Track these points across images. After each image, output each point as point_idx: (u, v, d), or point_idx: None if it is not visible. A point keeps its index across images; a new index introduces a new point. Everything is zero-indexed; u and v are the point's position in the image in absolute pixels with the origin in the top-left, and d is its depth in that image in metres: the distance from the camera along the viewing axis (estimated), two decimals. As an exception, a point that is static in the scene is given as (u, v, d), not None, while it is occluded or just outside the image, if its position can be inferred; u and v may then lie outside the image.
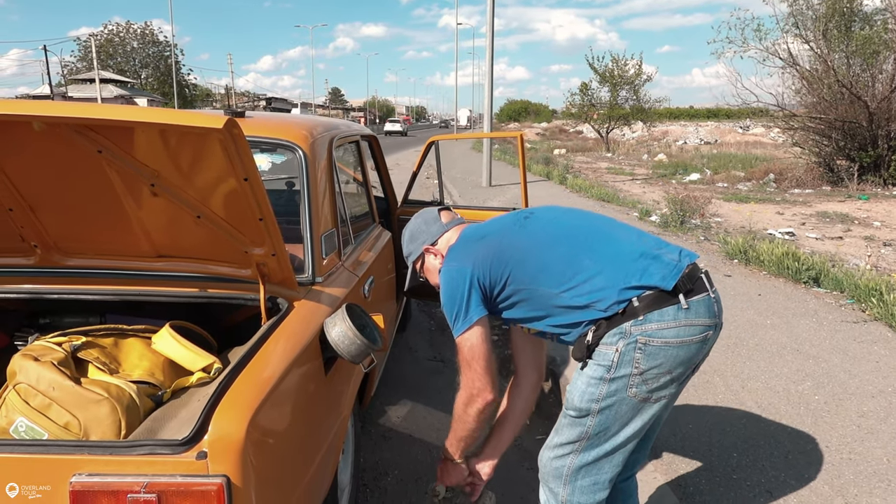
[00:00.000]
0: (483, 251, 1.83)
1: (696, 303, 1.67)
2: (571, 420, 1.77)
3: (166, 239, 2.00)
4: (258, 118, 2.66)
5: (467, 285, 1.80)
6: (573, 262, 1.74)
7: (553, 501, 1.86)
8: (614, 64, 28.29)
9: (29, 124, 1.63)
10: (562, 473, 1.81)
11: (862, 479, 2.64)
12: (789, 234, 8.40)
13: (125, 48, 60.17)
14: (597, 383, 1.70)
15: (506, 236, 1.87)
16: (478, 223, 2.03)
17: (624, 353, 1.66)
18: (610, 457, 1.76)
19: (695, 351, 1.69)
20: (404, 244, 2.13)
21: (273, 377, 1.66)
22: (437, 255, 2.03)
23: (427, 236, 2.06)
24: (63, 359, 1.65)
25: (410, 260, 2.12)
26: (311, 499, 1.92)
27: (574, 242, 1.79)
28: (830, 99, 13.57)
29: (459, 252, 1.90)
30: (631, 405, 1.69)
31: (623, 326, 1.66)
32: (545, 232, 1.86)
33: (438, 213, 2.10)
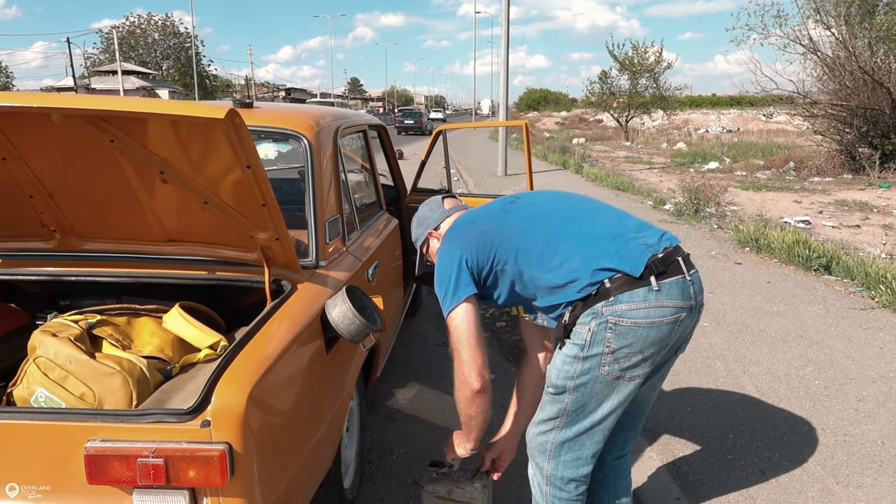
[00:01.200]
0: (471, 234, 1.93)
1: (667, 285, 1.72)
2: (551, 397, 1.86)
3: (176, 224, 2.11)
4: (265, 108, 2.76)
5: (456, 265, 1.88)
6: (551, 244, 1.82)
7: (539, 475, 1.95)
8: (634, 52, 28.07)
9: (48, 116, 1.74)
10: (546, 449, 1.90)
11: (855, 461, 2.69)
12: (805, 222, 8.35)
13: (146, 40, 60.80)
14: (571, 361, 1.78)
15: (491, 220, 1.97)
16: (472, 209, 2.13)
17: (596, 333, 1.73)
18: (590, 433, 1.84)
19: (665, 332, 1.74)
20: (412, 230, 2.24)
21: (274, 353, 1.77)
22: (438, 239, 2.12)
23: (430, 222, 2.17)
24: (79, 335, 1.77)
25: (417, 244, 2.23)
26: (313, 471, 2.03)
27: (553, 225, 1.88)
28: (852, 86, 13.36)
29: (452, 236, 1.99)
30: (605, 383, 1.76)
31: (595, 307, 1.73)
32: (527, 215, 1.95)
33: (442, 200, 2.21)
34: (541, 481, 1.94)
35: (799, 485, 2.53)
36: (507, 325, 4.82)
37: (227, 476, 1.53)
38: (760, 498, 2.45)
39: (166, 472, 1.51)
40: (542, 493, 1.95)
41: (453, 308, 1.88)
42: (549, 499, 1.93)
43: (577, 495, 1.92)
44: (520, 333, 2.25)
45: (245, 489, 1.58)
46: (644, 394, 1.90)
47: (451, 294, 1.88)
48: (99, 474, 1.51)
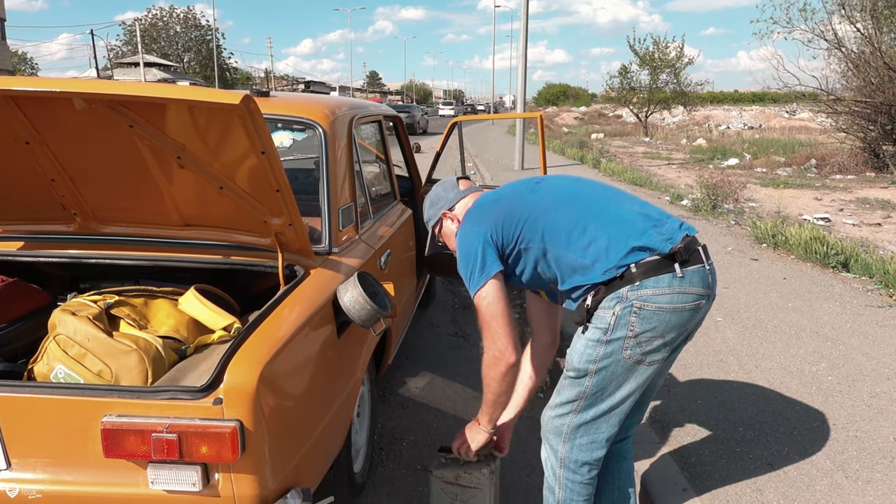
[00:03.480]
0: (496, 212, 1.92)
1: (690, 272, 1.77)
2: (571, 381, 1.87)
3: (193, 209, 2.16)
4: (282, 97, 2.80)
5: (481, 243, 1.88)
6: (578, 224, 1.82)
7: (553, 458, 1.97)
8: (655, 47, 27.84)
9: (69, 101, 1.78)
10: (562, 431, 1.91)
11: (865, 456, 2.68)
12: (825, 219, 8.26)
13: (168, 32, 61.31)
14: (594, 345, 1.80)
15: (517, 198, 1.96)
16: (491, 191, 2.13)
17: (620, 317, 1.75)
18: (607, 416, 1.86)
19: (687, 318, 1.78)
20: (425, 210, 2.22)
21: (285, 335, 1.80)
22: (453, 220, 2.12)
23: (445, 202, 2.16)
24: (97, 314, 1.82)
25: (430, 224, 2.21)
26: (323, 453, 2.07)
27: (580, 206, 1.88)
28: (877, 82, 13.15)
29: (474, 215, 1.99)
30: (626, 366, 1.79)
31: (620, 291, 1.75)
32: (554, 195, 1.95)
33: (457, 181, 2.21)
34: (555, 464, 1.96)
35: (808, 478, 2.52)
36: (521, 317, 4.83)
37: (239, 453, 1.57)
38: (768, 490, 2.45)
39: (179, 448, 1.55)
40: (555, 475, 1.97)
41: (482, 286, 1.87)
42: (562, 482, 1.95)
43: (589, 479, 1.95)
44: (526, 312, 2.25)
45: (255, 466, 1.62)
46: (653, 380, 1.92)
47: (478, 272, 1.87)
48: (115, 448, 1.56)
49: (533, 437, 3.04)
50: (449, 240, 2.17)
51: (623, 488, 2.11)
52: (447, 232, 2.16)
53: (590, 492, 1.97)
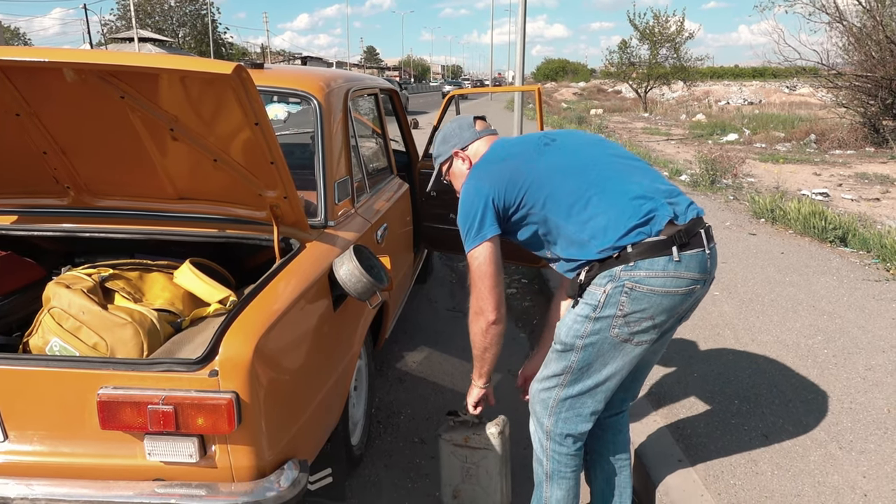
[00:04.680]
0: (501, 173, 1.88)
1: (688, 256, 1.74)
2: (557, 354, 1.88)
3: (187, 182, 2.14)
4: (276, 70, 2.76)
5: (482, 203, 1.86)
6: (581, 197, 1.80)
7: (539, 431, 1.98)
8: (655, 21, 27.55)
9: (59, 72, 1.76)
10: (548, 405, 1.92)
11: (859, 427, 2.70)
12: (823, 194, 8.24)
13: (163, 7, 60.46)
14: (582, 321, 1.79)
15: (525, 161, 1.91)
16: (505, 140, 2.06)
17: (611, 295, 1.74)
18: (592, 392, 1.86)
19: (678, 301, 1.76)
20: (435, 145, 2.16)
21: (281, 308, 1.80)
22: (464, 161, 2.07)
23: (458, 140, 2.09)
24: (92, 287, 1.82)
25: (438, 161, 2.15)
26: (320, 426, 2.08)
27: (587, 177, 1.83)
28: (878, 56, 13.02)
29: (481, 171, 1.95)
30: (612, 344, 1.78)
31: (614, 270, 1.74)
32: (562, 163, 1.89)
33: (474, 120, 2.13)
34: (541, 436, 1.98)
35: (802, 449, 2.54)
36: (518, 292, 4.84)
37: (235, 424, 1.57)
38: (762, 461, 2.47)
39: (176, 420, 1.56)
40: (542, 447, 1.99)
41: (476, 246, 1.88)
42: (549, 453, 1.97)
43: (575, 450, 1.96)
44: (530, 300, 2.23)
45: (252, 437, 1.63)
46: (646, 357, 1.92)
47: (474, 232, 1.87)
48: (111, 420, 1.57)
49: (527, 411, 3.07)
50: (456, 179, 2.12)
51: (617, 460, 2.13)
52: (456, 172, 2.11)
53: (577, 463, 1.99)
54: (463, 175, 2.04)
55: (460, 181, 2.05)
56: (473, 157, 2.05)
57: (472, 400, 2.13)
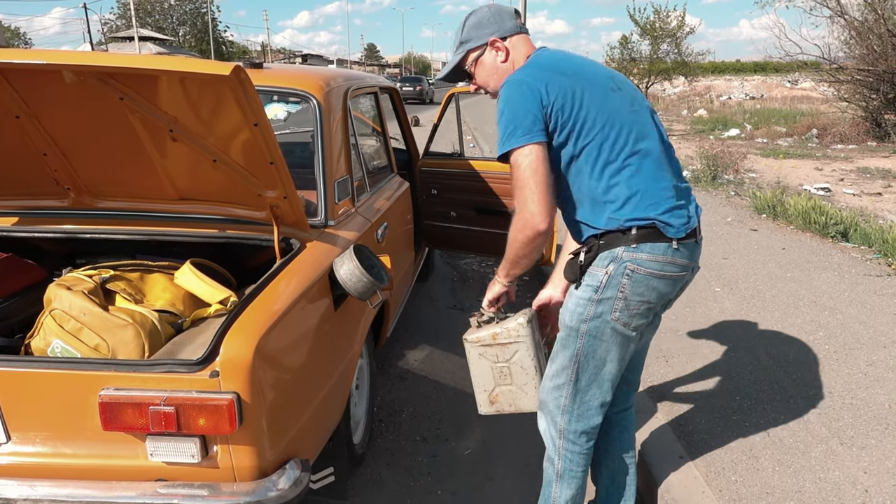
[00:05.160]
0: (563, 84, 1.70)
1: (684, 245, 1.77)
2: (563, 342, 1.86)
3: (187, 182, 2.14)
4: (276, 69, 2.76)
5: (536, 105, 1.68)
6: (620, 159, 1.71)
7: (553, 429, 1.95)
8: (656, 16, 27.44)
9: (58, 74, 1.76)
10: (560, 403, 1.90)
11: (860, 423, 2.70)
12: (825, 189, 8.22)
13: (163, 5, 60.44)
14: (585, 303, 1.79)
15: (590, 87, 1.73)
16: (562, 53, 1.86)
17: (612, 276, 1.74)
18: (598, 381, 1.86)
19: (671, 287, 1.80)
20: (465, 30, 1.89)
21: (282, 308, 1.80)
22: (500, 52, 1.86)
23: (498, 28, 1.85)
24: (93, 289, 1.82)
25: (466, 47, 1.89)
26: (322, 425, 2.09)
27: (633, 145, 1.73)
28: (880, 50, 12.98)
29: (542, 72, 1.73)
30: (614, 329, 1.78)
31: (616, 251, 1.74)
32: (621, 116, 1.74)
33: (515, 12, 1.93)
34: (554, 435, 1.94)
35: (803, 445, 2.54)
36: (518, 290, 4.84)
37: (236, 425, 1.58)
38: (764, 457, 2.47)
39: (177, 420, 1.56)
40: (555, 446, 1.96)
41: (524, 145, 1.67)
42: (561, 452, 1.95)
43: (587, 448, 1.95)
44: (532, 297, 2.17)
45: (253, 437, 1.64)
46: (639, 345, 1.94)
47: (522, 131, 1.67)
48: (113, 421, 1.57)
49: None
50: (483, 71, 1.89)
51: (623, 459, 2.13)
52: (487, 62, 1.88)
53: (587, 462, 1.98)
54: (496, 68, 1.86)
55: (490, 75, 1.87)
56: (512, 52, 1.85)
57: (492, 295, 1.96)
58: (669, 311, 1.99)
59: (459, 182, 3.93)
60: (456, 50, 1.91)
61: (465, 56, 1.90)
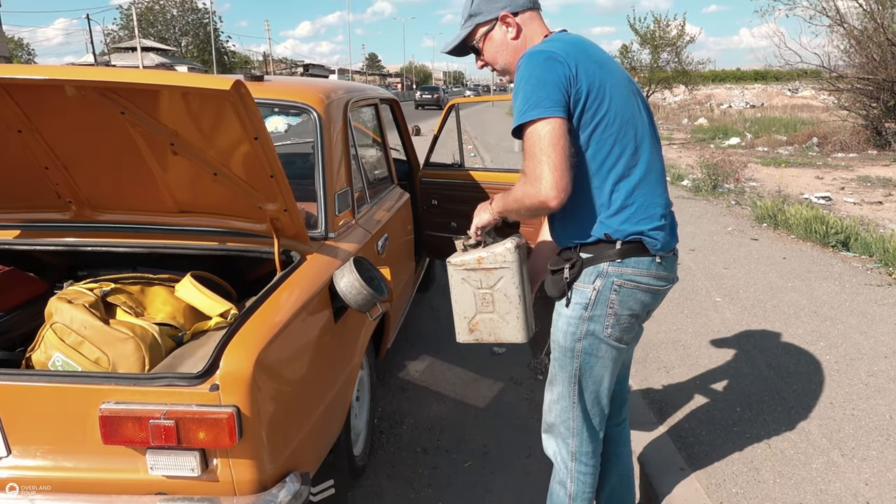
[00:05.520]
0: (597, 75, 1.63)
1: (667, 259, 1.77)
2: (559, 364, 1.86)
3: (188, 195, 2.15)
4: (276, 82, 2.78)
5: (566, 83, 1.58)
6: (624, 164, 1.68)
7: (564, 452, 1.91)
8: (656, 25, 27.55)
9: (61, 89, 1.77)
10: (570, 426, 1.88)
11: (862, 434, 2.69)
12: (826, 198, 8.23)
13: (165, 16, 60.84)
14: (577, 322, 1.77)
15: (617, 89, 1.68)
16: (591, 42, 1.76)
17: (601, 292, 1.73)
18: (598, 398, 1.86)
19: (655, 300, 1.81)
20: (475, 3, 1.79)
21: (282, 321, 1.81)
22: (512, 28, 1.76)
23: (510, 2, 1.75)
24: (94, 302, 1.83)
25: (475, 20, 1.79)
26: (322, 437, 2.09)
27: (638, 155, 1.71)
28: (880, 58, 13.03)
29: (573, 50, 1.64)
30: (607, 343, 1.78)
31: (600, 266, 1.72)
32: (635, 121, 1.71)
33: None
34: (566, 458, 1.91)
35: (804, 457, 2.54)
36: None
37: (236, 438, 1.58)
38: (765, 469, 2.47)
39: (177, 434, 1.56)
40: (567, 469, 1.92)
41: (542, 118, 1.56)
42: (573, 475, 1.92)
43: (595, 466, 1.94)
44: None
45: (253, 451, 1.64)
46: (625, 357, 1.95)
47: (548, 102, 1.56)
48: (113, 435, 1.58)
49: (532, 418, 3.07)
50: (492, 46, 1.80)
51: (623, 474, 2.13)
52: (497, 39, 1.78)
53: (595, 481, 1.96)
54: (507, 45, 1.78)
55: (500, 52, 1.79)
56: (525, 28, 1.76)
57: (480, 223, 1.87)
58: (670, 321, 2.00)
59: (460, 192, 3.94)
60: (464, 23, 1.82)
61: (473, 30, 1.80)
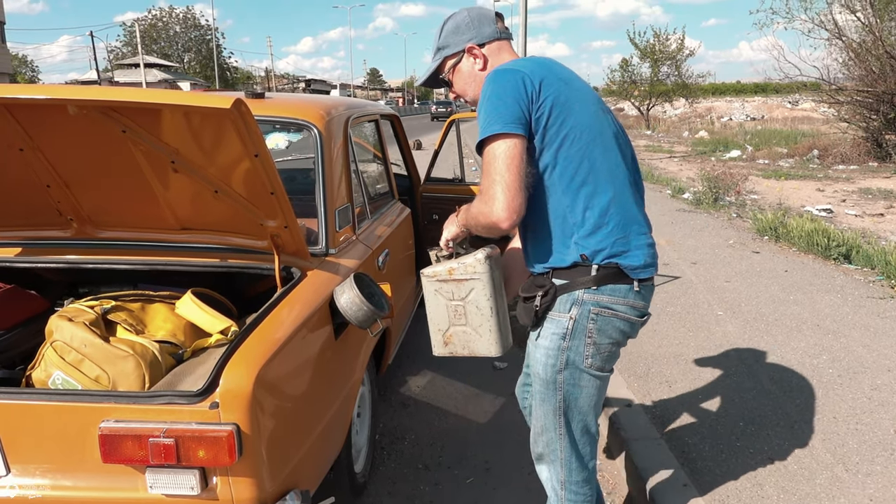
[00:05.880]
0: (561, 91, 1.63)
1: (644, 287, 1.72)
2: (541, 397, 1.81)
3: (188, 212, 2.16)
4: (277, 99, 2.80)
5: (527, 100, 1.59)
6: (598, 185, 1.64)
7: (554, 481, 1.90)
8: (655, 39, 27.75)
9: (62, 108, 1.78)
10: (558, 456, 1.86)
11: (866, 448, 2.68)
12: (827, 210, 8.23)
13: (168, 33, 61.35)
14: (556, 353, 1.73)
15: (584, 105, 1.66)
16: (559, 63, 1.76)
17: (578, 322, 1.68)
18: (586, 427, 1.83)
19: (633, 329, 1.75)
20: (443, 35, 1.82)
21: (282, 338, 1.81)
22: (479, 59, 1.78)
23: (475, 34, 1.78)
24: (94, 320, 1.83)
25: (443, 53, 1.81)
26: (322, 454, 2.08)
27: (613, 175, 1.67)
28: (879, 71, 13.09)
29: (538, 67, 1.65)
30: (589, 375, 1.74)
31: (575, 294, 1.68)
32: (607, 140, 1.69)
33: (496, 17, 1.83)
34: (556, 486, 1.90)
35: (808, 472, 2.52)
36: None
37: (236, 456, 1.57)
38: (768, 484, 2.45)
39: (177, 452, 1.56)
40: (557, 497, 1.91)
41: (504, 133, 1.55)
42: (564, 503, 1.90)
43: (587, 495, 1.91)
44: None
45: (253, 469, 1.63)
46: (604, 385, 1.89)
47: (507, 117, 1.57)
48: (113, 453, 1.57)
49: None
50: (461, 79, 1.82)
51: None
52: (464, 70, 1.80)
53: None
54: (474, 76, 1.79)
55: (468, 83, 1.81)
56: (492, 59, 1.78)
57: (449, 235, 1.87)
58: (672, 335, 1.99)
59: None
60: (434, 56, 1.85)
61: (442, 63, 1.83)
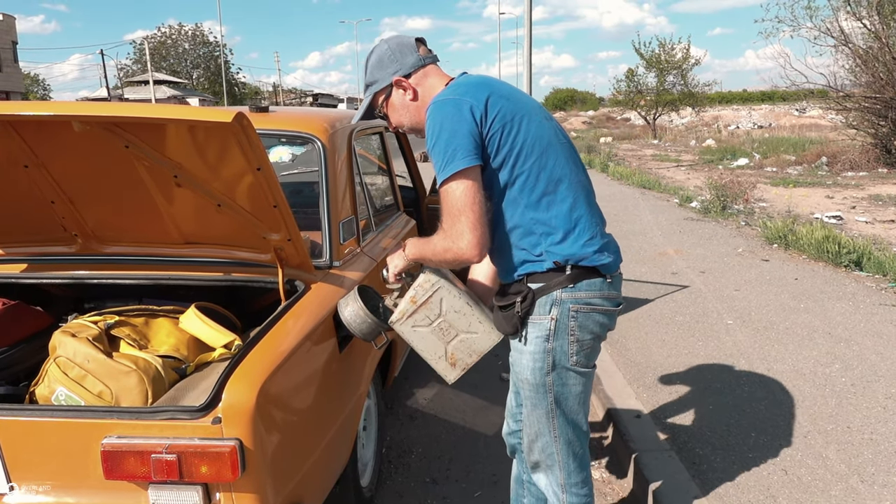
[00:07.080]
0: (507, 109, 1.64)
1: (615, 278, 1.77)
2: (533, 400, 1.80)
3: (192, 227, 2.16)
4: (281, 112, 2.81)
5: (476, 126, 1.60)
6: (559, 187, 1.68)
7: (554, 485, 1.89)
8: (661, 49, 27.75)
9: (66, 124, 1.79)
10: (554, 459, 1.85)
11: (881, 459, 2.63)
12: (837, 217, 8.17)
13: (177, 50, 61.98)
14: (541, 356, 1.73)
15: (530, 117, 1.68)
16: (495, 79, 1.79)
17: (559, 321, 1.70)
18: (577, 427, 1.82)
19: (611, 320, 1.78)
20: (368, 71, 1.82)
21: (285, 351, 1.80)
22: (407, 91, 1.78)
23: (400, 66, 1.77)
24: (97, 335, 1.83)
25: (372, 90, 1.81)
26: (327, 469, 2.06)
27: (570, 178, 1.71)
28: (886, 77, 13.03)
29: (478, 90, 1.65)
30: (575, 373, 1.75)
31: (553, 294, 1.69)
32: (555, 146, 1.71)
33: (416, 42, 1.82)
34: (557, 491, 1.89)
35: (822, 483, 2.48)
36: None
37: (239, 471, 1.56)
38: (782, 497, 2.41)
39: (179, 468, 1.55)
40: (559, 501, 1.89)
41: (458, 172, 1.58)
42: None
43: (587, 495, 1.89)
44: None
45: (257, 484, 1.61)
46: None
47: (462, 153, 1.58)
48: (115, 470, 1.56)
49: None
50: (395, 113, 1.82)
51: None
52: (396, 104, 1.81)
53: None
54: (407, 108, 1.80)
55: (402, 115, 1.81)
56: (418, 87, 1.78)
57: (396, 270, 1.89)
58: (682, 344, 1.97)
59: None
60: (364, 92, 1.85)
61: (373, 99, 1.83)
